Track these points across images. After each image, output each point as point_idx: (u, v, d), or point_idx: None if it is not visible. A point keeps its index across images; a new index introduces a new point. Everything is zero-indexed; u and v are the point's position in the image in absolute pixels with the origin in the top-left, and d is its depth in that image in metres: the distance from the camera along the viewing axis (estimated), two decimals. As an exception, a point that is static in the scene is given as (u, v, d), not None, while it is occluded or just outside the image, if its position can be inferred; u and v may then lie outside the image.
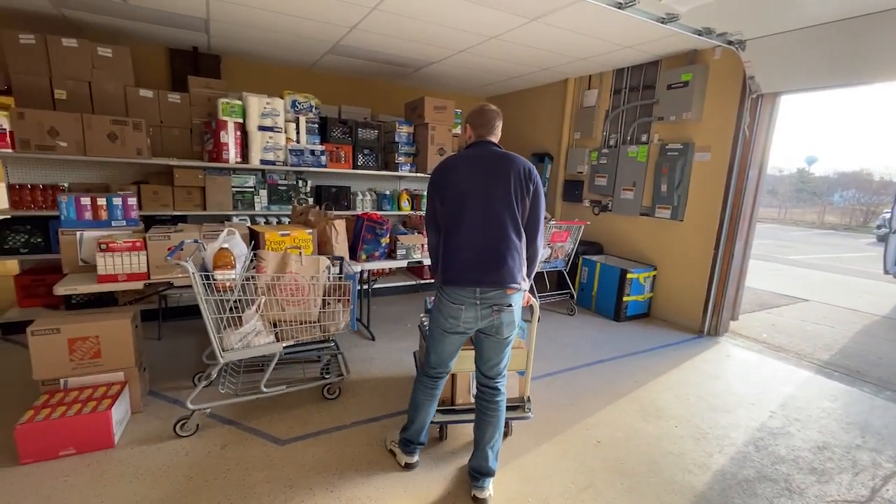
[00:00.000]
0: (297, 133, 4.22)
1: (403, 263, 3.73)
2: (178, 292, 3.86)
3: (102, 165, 3.90)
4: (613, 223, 5.12)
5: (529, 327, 2.28)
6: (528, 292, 2.02)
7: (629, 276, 4.41)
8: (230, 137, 3.87)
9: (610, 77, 5.02)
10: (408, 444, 2.12)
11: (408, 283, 5.10)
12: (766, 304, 5.77)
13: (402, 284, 5.09)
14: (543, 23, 3.57)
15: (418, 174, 4.82)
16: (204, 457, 2.14)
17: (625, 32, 3.74)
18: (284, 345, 2.35)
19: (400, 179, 5.34)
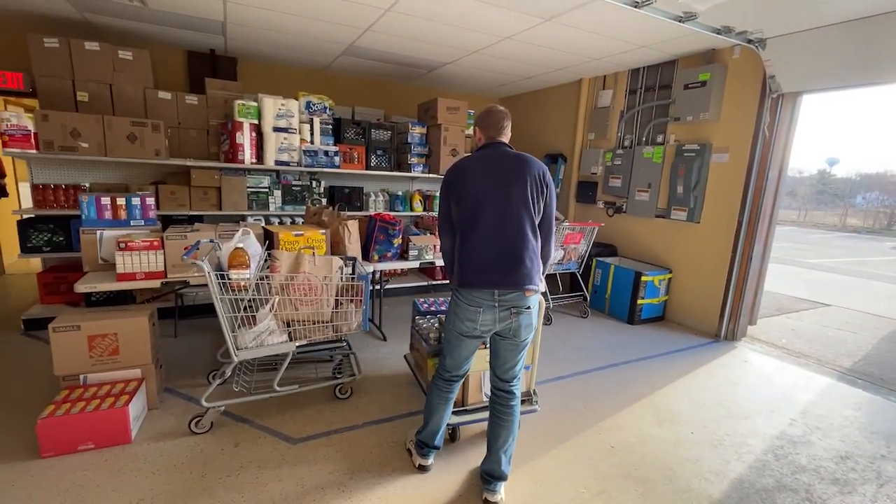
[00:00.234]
0: (311, 134, 4.26)
1: (416, 264, 3.73)
2: (194, 291, 3.93)
3: (122, 166, 3.98)
4: (628, 225, 5.06)
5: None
6: None
7: (644, 278, 4.35)
8: (245, 138, 3.92)
9: (625, 77, 4.96)
10: (422, 445, 2.12)
11: (420, 283, 5.10)
12: (786, 309, 5.64)
13: (414, 285, 5.10)
14: (558, 23, 3.54)
15: (431, 175, 4.83)
16: (218, 454, 2.17)
17: (641, 32, 3.69)
18: (297, 344, 2.37)
19: (412, 180, 5.35)
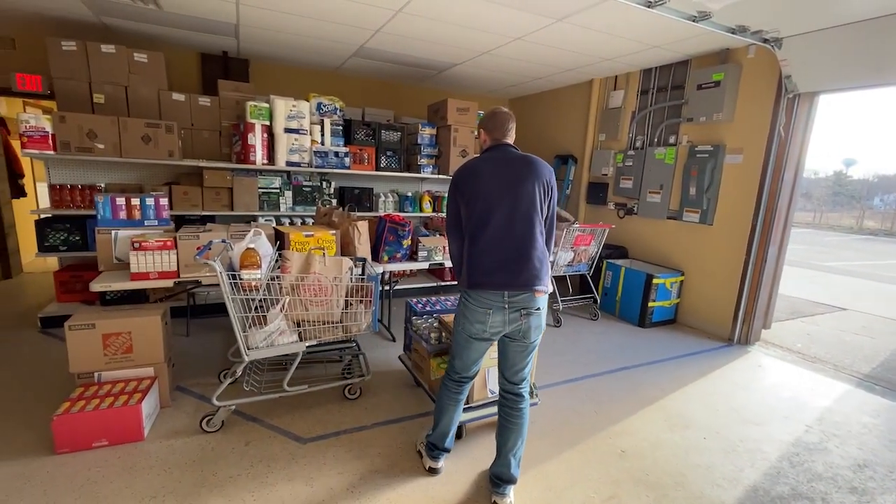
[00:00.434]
0: (322, 135, 4.29)
1: (425, 265, 3.73)
2: (206, 290, 3.97)
3: (136, 166, 4.04)
4: (639, 226, 5.01)
5: None
6: None
7: (655, 280, 4.30)
8: (257, 139, 3.96)
9: (637, 77, 4.91)
10: (433, 447, 2.11)
11: (429, 284, 5.11)
12: (801, 313, 5.53)
13: (423, 286, 5.10)
14: (569, 23, 3.52)
15: (440, 176, 4.83)
16: (229, 452, 2.19)
17: (653, 32, 3.65)
18: (307, 344, 2.38)
19: (422, 181, 5.35)
